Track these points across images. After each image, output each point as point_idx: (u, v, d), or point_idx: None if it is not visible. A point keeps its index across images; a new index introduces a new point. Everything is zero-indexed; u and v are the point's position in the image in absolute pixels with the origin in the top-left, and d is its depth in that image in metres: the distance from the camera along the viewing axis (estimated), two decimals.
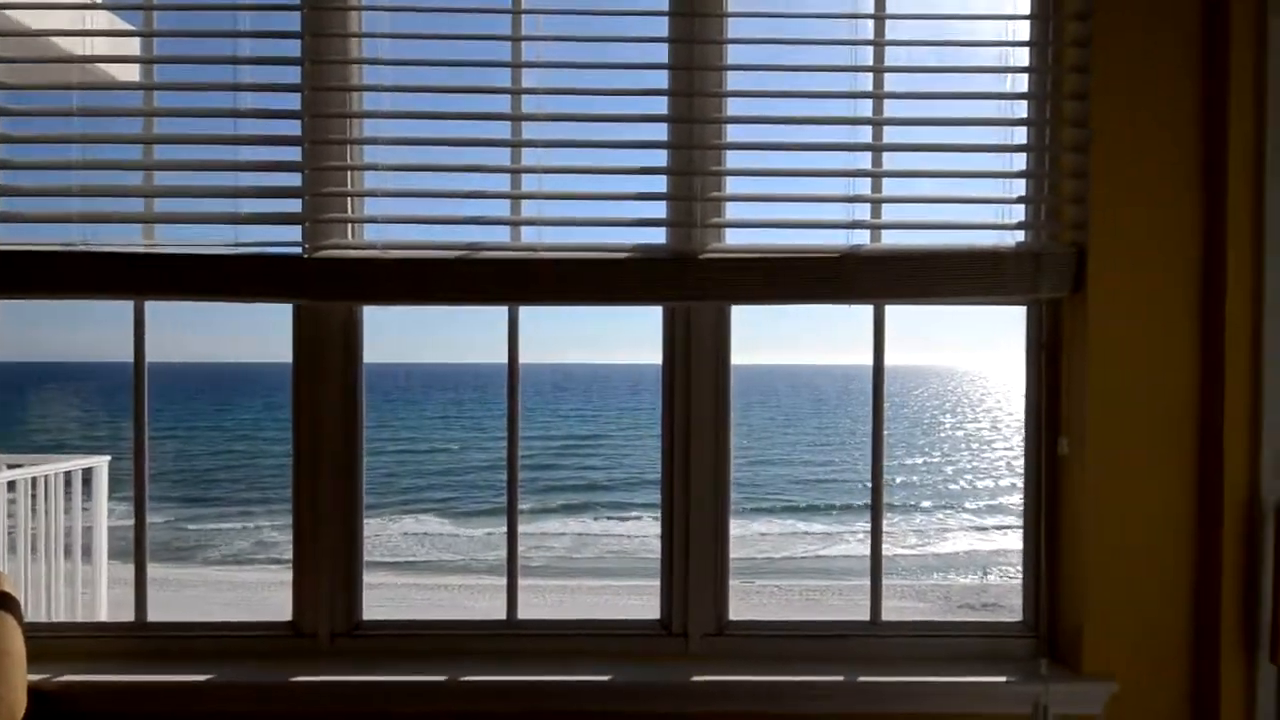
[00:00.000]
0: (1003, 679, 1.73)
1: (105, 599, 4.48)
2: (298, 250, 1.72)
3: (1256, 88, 1.66)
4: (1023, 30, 1.75)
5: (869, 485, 1.90)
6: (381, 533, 17.24)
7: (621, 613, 1.83)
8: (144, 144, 1.75)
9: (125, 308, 1.81)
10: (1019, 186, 1.77)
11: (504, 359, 1.84)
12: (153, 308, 1.80)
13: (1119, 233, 1.71)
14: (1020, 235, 1.78)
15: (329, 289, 1.71)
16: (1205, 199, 1.72)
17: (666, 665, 1.79)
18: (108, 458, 4.42)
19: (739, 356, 1.86)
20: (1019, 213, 1.77)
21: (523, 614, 1.87)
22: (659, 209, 1.78)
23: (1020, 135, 1.76)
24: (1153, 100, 1.71)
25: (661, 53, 1.76)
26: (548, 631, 1.87)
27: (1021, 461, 1.89)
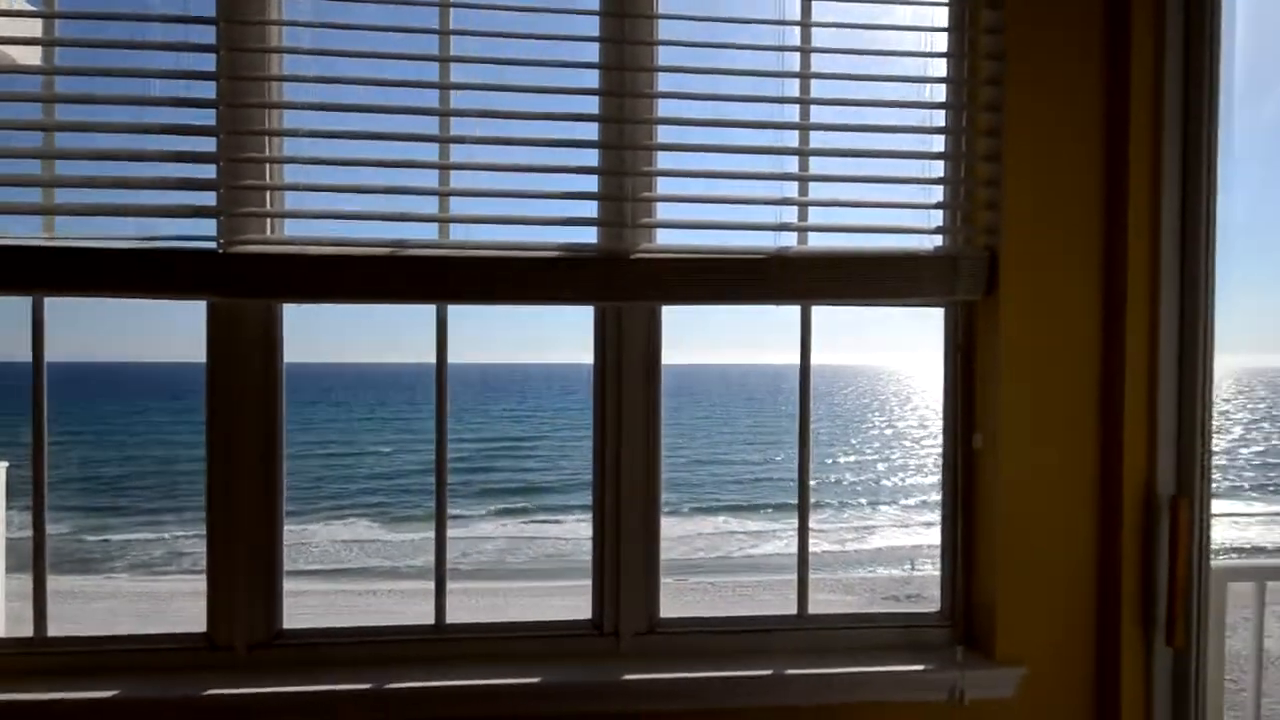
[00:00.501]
0: (921, 667, 1.79)
1: (3, 614, 4.20)
2: (212, 245, 1.65)
3: (1154, 105, 1.76)
4: (940, 42, 1.82)
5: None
6: (309, 539, 16.72)
7: (556, 614, 1.83)
8: (45, 131, 1.65)
9: (23, 304, 1.70)
10: (937, 193, 1.84)
11: (433, 359, 1.81)
12: (54, 305, 1.70)
13: (1028, 238, 1.80)
14: (938, 240, 1.84)
15: (245, 286, 1.65)
16: (1107, 206, 1.81)
17: (597, 665, 1.79)
18: (5, 464, 4.15)
19: (670, 356, 1.87)
20: (937, 218, 1.84)
21: (454, 618, 1.84)
22: (590, 208, 1.78)
23: (939, 143, 1.83)
24: (1060, 114, 1.80)
25: (593, 52, 1.76)
26: (477, 635, 1.85)
27: None
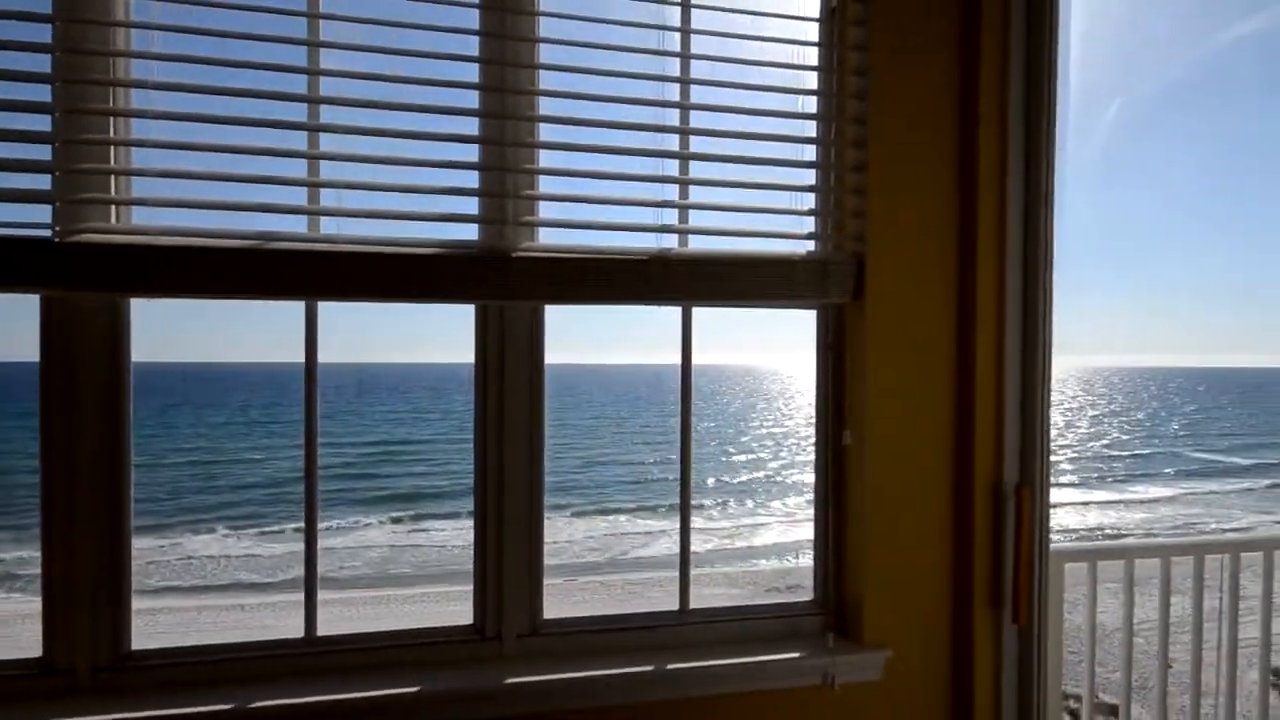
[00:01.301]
0: (796, 655, 1.86)
1: None
2: (46, 233, 1.51)
3: (1000, 127, 1.90)
4: (811, 56, 1.90)
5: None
6: (170, 553, 15.56)
7: (446, 621, 1.78)
8: None
9: None
10: (809, 200, 1.92)
11: (309, 359, 1.72)
12: None
13: (891, 245, 1.91)
14: (811, 245, 1.92)
15: (85, 278, 1.51)
16: (961, 218, 1.95)
17: (479, 670, 1.76)
18: None
19: (553, 355, 1.86)
20: (809, 224, 1.92)
21: (335, 629, 1.76)
22: (471, 204, 1.74)
23: (810, 153, 1.91)
24: (919, 133, 1.92)
25: (473, 46, 1.72)
26: (352, 646, 1.77)
27: None
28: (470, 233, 1.74)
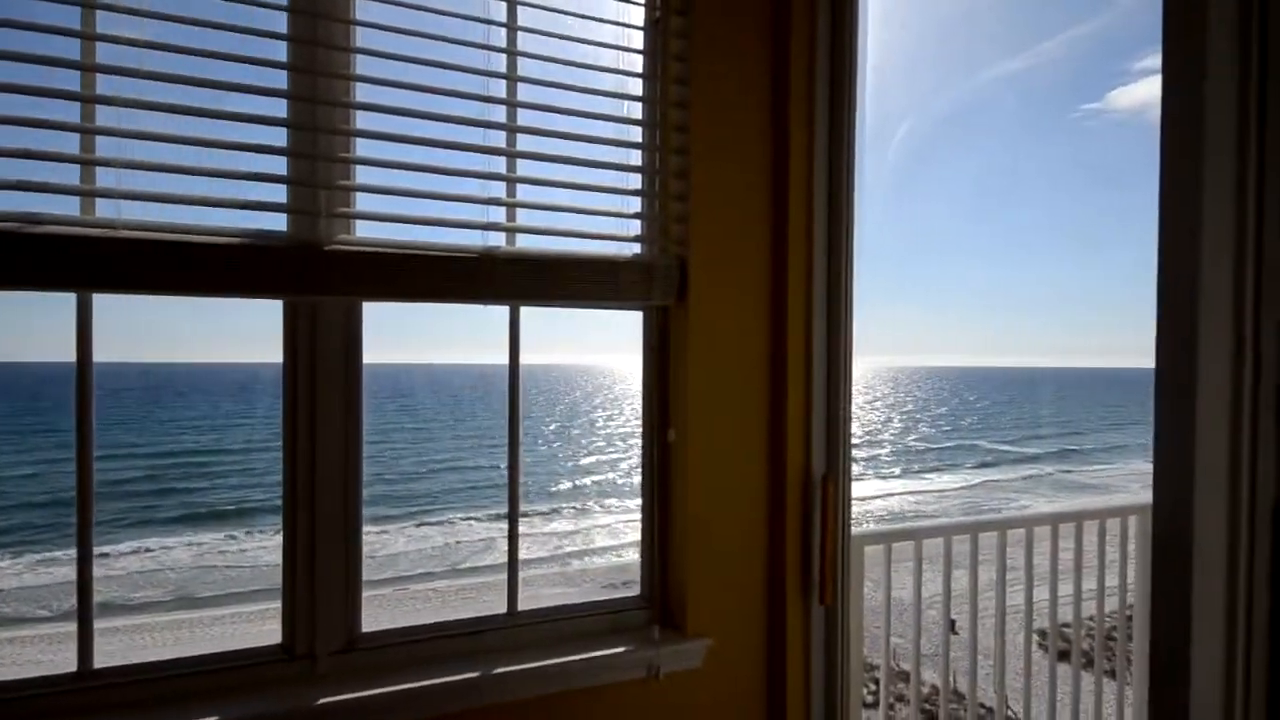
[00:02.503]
0: (622, 649, 1.89)
1: None
2: None
3: (808, 137, 2.04)
4: (637, 63, 1.95)
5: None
6: None
7: (252, 641, 1.63)
8: None
9: None
10: (635, 203, 1.96)
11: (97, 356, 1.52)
12: None
13: (711, 250, 1.99)
14: (636, 247, 1.97)
15: None
16: (773, 224, 2.07)
17: (287, 692, 1.64)
18: None
19: (381, 355, 1.78)
20: (635, 227, 1.97)
21: (123, 659, 1.57)
22: (279, 192, 1.62)
23: (636, 157, 1.96)
24: (735, 140, 2.02)
25: (282, 23, 1.61)
26: (137, 677, 1.59)
27: None
28: (279, 223, 1.63)
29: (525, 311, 1.92)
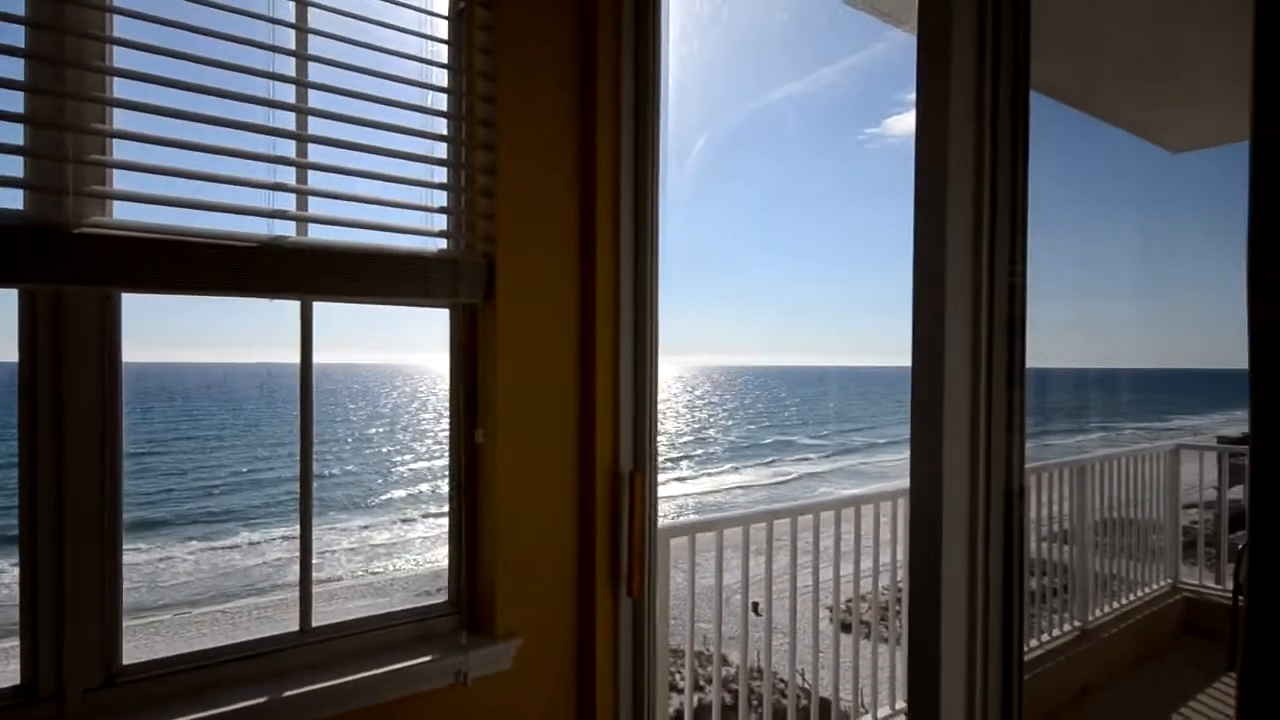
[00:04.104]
0: (428, 658, 1.83)
1: None
2: None
3: (614, 139, 2.08)
4: (442, 53, 1.89)
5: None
6: None
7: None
8: None
9: None
10: (441, 197, 1.90)
11: None
12: None
13: (519, 248, 1.98)
14: (443, 243, 1.91)
15: None
16: (581, 224, 2.08)
17: None
18: None
19: (143, 354, 1.58)
20: (441, 221, 1.91)
21: None
22: (13, 165, 1.40)
23: (442, 150, 1.90)
24: (543, 137, 2.01)
25: None
26: None
27: None
28: (15, 200, 1.41)
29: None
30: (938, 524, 1.39)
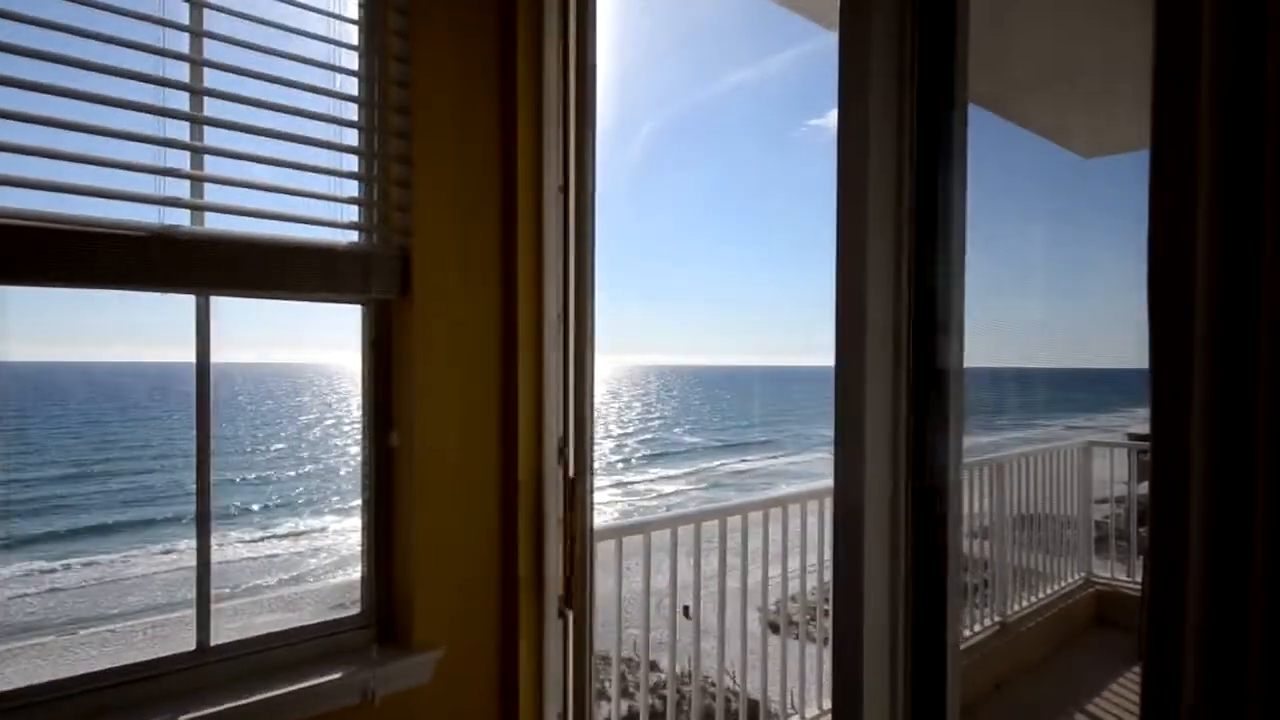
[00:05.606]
0: (335, 675, 1.73)
1: None
2: None
3: (535, 123, 1.99)
4: (352, 35, 1.79)
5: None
6: None
7: None
8: None
9: None
10: (352, 187, 1.81)
11: None
12: None
13: (438, 241, 1.88)
14: (354, 235, 1.81)
15: None
16: (503, 221, 2.00)
17: None
18: None
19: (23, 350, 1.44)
20: (352, 213, 1.81)
21: None
22: None
23: (352, 137, 1.80)
24: (463, 124, 1.92)
25: None
26: None
27: None
28: None
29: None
30: (859, 520, 1.39)
